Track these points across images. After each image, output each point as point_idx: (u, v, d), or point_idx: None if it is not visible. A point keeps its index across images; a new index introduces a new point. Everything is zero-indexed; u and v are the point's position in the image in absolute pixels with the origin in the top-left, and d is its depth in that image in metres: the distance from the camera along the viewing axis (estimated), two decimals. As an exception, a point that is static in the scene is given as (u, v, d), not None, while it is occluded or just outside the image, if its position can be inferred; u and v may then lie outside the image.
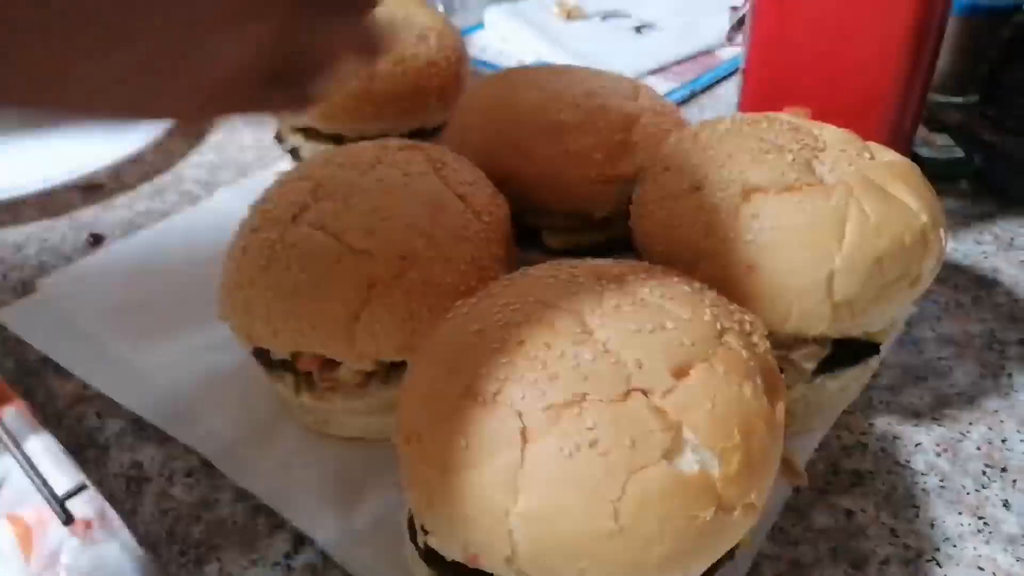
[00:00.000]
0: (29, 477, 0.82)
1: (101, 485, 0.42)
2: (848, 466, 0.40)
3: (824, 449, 0.41)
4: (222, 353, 0.46)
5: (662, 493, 0.26)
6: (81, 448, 0.44)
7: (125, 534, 0.92)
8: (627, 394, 0.27)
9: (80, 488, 0.83)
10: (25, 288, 0.53)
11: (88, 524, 0.95)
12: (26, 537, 1.00)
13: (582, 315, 0.30)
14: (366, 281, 0.36)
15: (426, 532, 0.29)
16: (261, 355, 0.40)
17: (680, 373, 0.28)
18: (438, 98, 0.55)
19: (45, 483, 0.80)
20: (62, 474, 0.92)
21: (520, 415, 0.27)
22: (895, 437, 0.41)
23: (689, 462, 0.27)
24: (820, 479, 0.39)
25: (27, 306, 0.51)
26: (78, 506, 0.84)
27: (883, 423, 0.42)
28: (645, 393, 0.27)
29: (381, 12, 0.57)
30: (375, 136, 0.54)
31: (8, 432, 0.86)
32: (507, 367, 0.28)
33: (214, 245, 0.53)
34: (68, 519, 0.80)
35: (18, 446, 0.84)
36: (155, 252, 0.56)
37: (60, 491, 0.79)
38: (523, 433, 0.27)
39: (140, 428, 0.43)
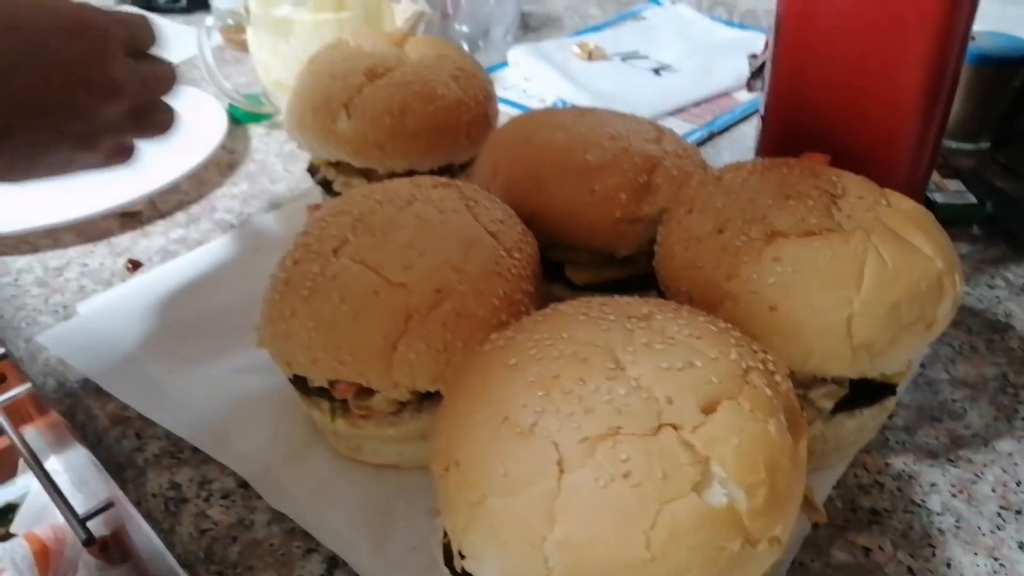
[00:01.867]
0: (50, 496, 0.83)
1: (139, 505, 0.44)
2: (865, 504, 0.41)
3: (841, 487, 0.42)
4: (257, 377, 0.47)
5: (692, 524, 0.27)
6: (120, 469, 0.45)
7: (140, 555, 0.93)
8: (658, 428, 0.29)
9: (103, 508, 0.84)
10: (65, 311, 0.55)
11: (105, 545, 0.96)
12: (43, 556, 1.01)
13: (614, 351, 0.31)
14: (403, 313, 0.38)
15: (463, 557, 0.31)
16: (299, 382, 0.42)
17: (708, 409, 0.30)
18: (467, 136, 0.57)
19: (66, 502, 0.81)
20: (82, 493, 0.94)
21: (557, 446, 0.28)
22: (911, 477, 0.42)
23: (717, 495, 0.28)
24: (838, 516, 0.40)
25: (68, 329, 0.53)
26: (96, 526, 0.85)
27: (899, 463, 0.43)
28: (675, 428, 0.29)
29: (414, 52, 0.60)
30: (405, 171, 0.56)
31: (30, 451, 0.88)
32: (543, 400, 0.30)
33: (247, 271, 0.55)
34: (89, 539, 0.81)
35: (40, 465, 0.85)
36: (190, 278, 0.57)
37: (80, 511, 0.80)
38: (559, 463, 0.28)
39: (178, 450, 0.45)
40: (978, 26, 0.51)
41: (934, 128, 0.52)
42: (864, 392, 0.40)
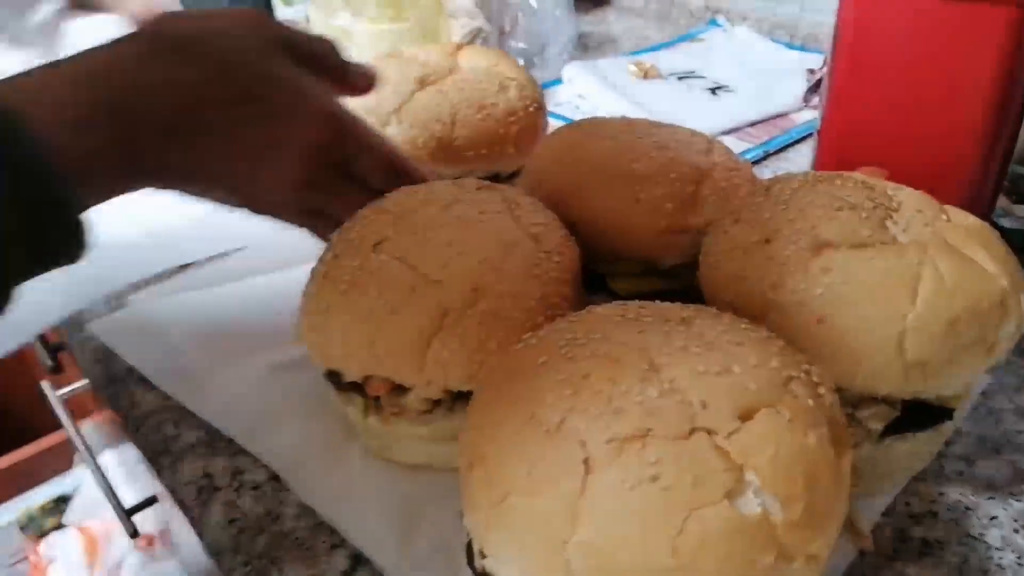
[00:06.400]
0: (101, 489, 0.85)
1: (173, 491, 0.44)
2: (917, 534, 0.39)
3: (891, 515, 0.40)
4: (294, 374, 0.48)
5: (722, 533, 0.26)
6: (157, 455, 0.46)
7: (184, 552, 0.95)
8: (691, 432, 0.28)
9: (147, 503, 0.86)
10: (117, 302, 0.57)
11: (150, 540, 0.98)
12: (92, 547, 1.04)
13: (648, 353, 0.30)
14: (439, 310, 0.37)
15: (484, 556, 0.30)
16: (333, 377, 0.42)
17: (745, 416, 0.28)
18: (515, 146, 0.57)
19: (115, 496, 0.83)
20: (132, 488, 0.96)
21: (583, 445, 0.28)
22: (968, 508, 0.40)
23: (750, 505, 0.27)
24: (887, 545, 0.38)
25: (117, 319, 0.54)
26: (143, 521, 0.87)
27: (955, 493, 0.41)
28: (709, 433, 0.28)
29: (467, 63, 0.60)
30: (452, 178, 0.56)
31: (86, 445, 0.90)
32: (572, 398, 0.29)
33: (290, 273, 0.56)
34: (134, 532, 0.82)
35: (93, 458, 0.88)
36: (236, 277, 0.58)
37: (128, 505, 0.82)
38: (586, 463, 0.27)
39: (213, 440, 0.45)
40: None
41: (1000, 149, 0.50)
42: (918, 415, 0.38)
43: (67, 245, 0.36)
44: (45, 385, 0.97)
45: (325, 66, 0.47)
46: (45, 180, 0.34)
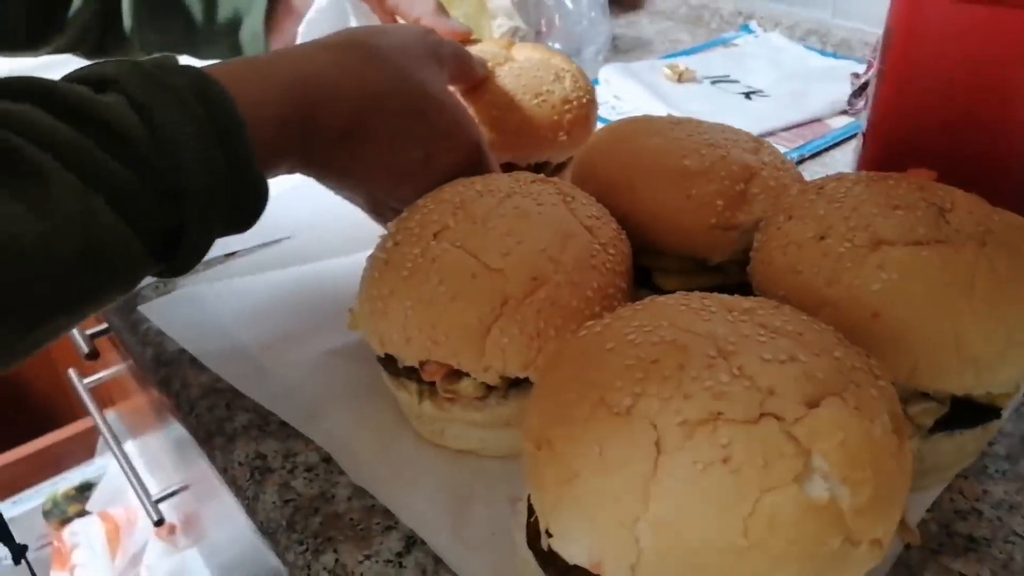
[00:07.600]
0: (127, 477, 0.86)
1: (226, 472, 0.45)
2: (963, 530, 0.39)
3: (937, 510, 0.40)
4: (347, 360, 0.49)
5: (792, 515, 0.27)
6: (210, 436, 0.46)
7: (206, 541, 0.95)
8: (760, 417, 0.28)
9: (173, 492, 0.87)
10: (165, 287, 0.58)
11: (173, 529, 0.99)
12: (115, 534, 1.05)
13: (715, 340, 0.31)
14: (499, 298, 0.38)
15: (550, 535, 0.30)
16: (388, 362, 0.42)
17: (812, 403, 0.29)
18: (568, 134, 0.58)
19: (141, 484, 0.84)
20: (155, 478, 0.97)
21: (655, 427, 0.28)
22: (1012, 507, 0.40)
23: (819, 489, 0.27)
24: (933, 540, 0.39)
25: (168, 302, 0.55)
26: (165, 510, 0.88)
27: (999, 491, 0.41)
28: (777, 418, 0.28)
29: (520, 54, 0.61)
30: (504, 163, 0.57)
31: (112, 433, 0.91)
32: (641, 382, 0.30)
33: (336, 262, 0.57)
34: (159, 520, 0.83)
35: (119, 447, 0.89)
36: (281, 265, 0.59)
37: (153, 493, 0.83)
38: (657, 444, 0.28)
39: (265, 422, 0.46)
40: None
41: (1047, 155, 0.51)
42: (966, 412, 0.39)
43: (245, 214, 0.40)
44: (72, 373, 0.98)
45: (460, 66, 0.53)
46: (245, 159, 0.37)
